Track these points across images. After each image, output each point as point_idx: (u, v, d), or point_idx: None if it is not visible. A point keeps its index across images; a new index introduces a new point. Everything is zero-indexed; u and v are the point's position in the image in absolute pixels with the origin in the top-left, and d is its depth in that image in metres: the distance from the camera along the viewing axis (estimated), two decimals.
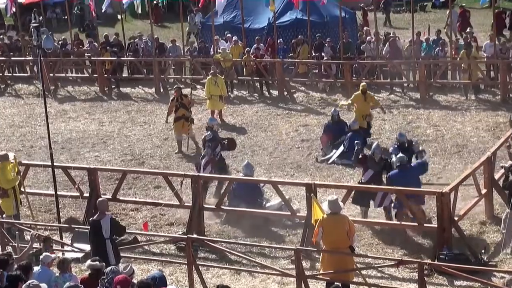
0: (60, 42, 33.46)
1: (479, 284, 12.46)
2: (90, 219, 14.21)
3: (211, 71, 25.54)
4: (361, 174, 19.44)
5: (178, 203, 17.21)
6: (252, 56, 29.28)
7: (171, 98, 23.78)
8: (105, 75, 30.94)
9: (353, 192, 16.06)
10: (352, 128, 21.29)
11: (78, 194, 17.95)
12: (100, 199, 14.85)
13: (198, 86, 28.42)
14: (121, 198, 17.96)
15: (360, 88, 22.58)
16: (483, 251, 14.78)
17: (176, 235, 16.33)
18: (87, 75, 32.33)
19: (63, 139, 25.01)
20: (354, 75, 28.15)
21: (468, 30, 30.54)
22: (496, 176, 17.05)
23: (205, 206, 16.92)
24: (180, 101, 22.71)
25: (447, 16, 34.10)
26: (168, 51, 31.69)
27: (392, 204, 16.01)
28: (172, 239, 15.83)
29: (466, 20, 34.48)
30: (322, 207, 13.39)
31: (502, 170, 17.72)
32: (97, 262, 11.88)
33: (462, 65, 26.60)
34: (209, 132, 19.33)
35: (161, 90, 30.10)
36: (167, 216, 18.02)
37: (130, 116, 27.47)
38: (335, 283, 11.90)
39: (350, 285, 13.47)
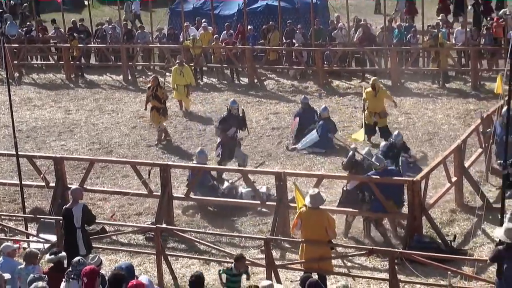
0: (24, 29, 33.20)
1: (450, 272, 12.58)
2: (63, 207, 14.13)
3: (177, 61, 25.38)
4: (331, 162, 19.55)
5: (146, 192, 17.19)
6: (223, 43, 29.26)
7: (148, 86, 23.63)
8: (72, 62, 30.75)
9: (338, 201, 15.93)
10: (323, 116, 21.36)
11: (43, 183, 17.85)
12: (73, 187, 14.78)
13: (168, 74, 28.37)
14: (88, 187, 17.87)
15: (370, 83, 21.78)
16: (453, 239, 14.94)
17: (144, 225, 16.30)
18: (53, 62, 32.10)
19: (28, 127, 24.85)
20: (325, 62, 28.23)
21: (440, 17, 30.71)
22: (466, 164, 17.22)
23: (174, 195, 16.92)
24: (155, 91, 22.49)
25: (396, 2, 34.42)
26: (137, 37, 31.55)
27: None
28: (141, 229, 15.81)
29: (413, 5, 34.58)
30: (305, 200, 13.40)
31: (473, 158, 17.96)
32: (54, 256, 11.79)
33: (431, 53, 26.74)
34: (224, 113, 19.92)
35: (129, 77, 30.00)
36: (135, 206, 17.99)
37: (97, 104, 27.34)
38: (310, 274, 11.95)
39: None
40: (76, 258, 11.33)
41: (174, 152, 21.72)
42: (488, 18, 30.06)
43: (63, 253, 11.82)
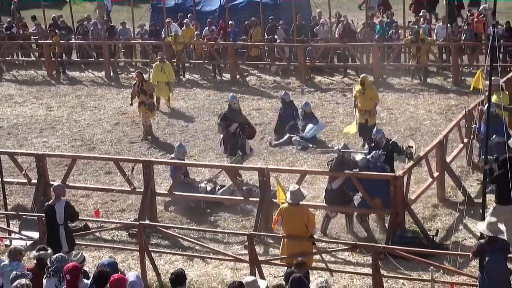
0: (4, 26, 33.02)
1: (432, 267, 12.66)
2: (45, 204, 14.09)
3: (158, 57, 25.24)
4: (314, 158, 19.56)
5: (129, 189, 17.17)
6: (205, 39, 29.23)
7: (133, 82, 23.45)
8: (53, 59, 30.63)
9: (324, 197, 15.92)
10: (306, 112, 21.37)
11: (25, 180, 17.78)
12: (56, 183, 14.75)
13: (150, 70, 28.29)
14: (71, 184, 17.83)
15: (359, 79, 20.93)
16: (435, 234, 15.03)
17: (128, 221, 16.30)
18: (34, 59, 31.95)
19: (9, 124, 24.74)
20: (307, 58, 28.27)
21: (421, 13, 30.82)
22: (448, 159, 17.32)
23: (157, 191, 16.91)
24: (141, 86, 22.40)
25: None
26: (119, 33, 31.45)
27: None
28: (124, 225, 15.80)
29: (386, 0, 34.68)
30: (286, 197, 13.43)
31: (455, 153, 18.07)
32: (41, 252, 11.76)
33: (412, 49, 26.82)
34: (224, 110, 19.61)
35: (111, 73, 29.91)
36: (118, 202, 17.97)
37: (79, 100, 27.25)
38: (293, 269, 11.98)
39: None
40: (55, 255, 11.30)
41: (157, 149, 21.70)
42: (469, 14, 30.14)
43: (49, 250, 11.79)
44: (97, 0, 35.12)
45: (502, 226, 12.28)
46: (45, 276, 11.08)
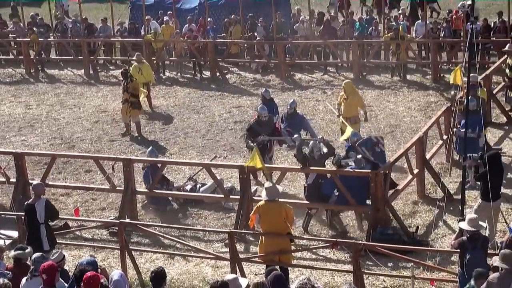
0: None
1: (413, 263, 12.71)
2: (25, 203, 14.00)
3: (136, 58, 24.83)
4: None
5: (110, 187, 17.11)
6: (184, 37, 29.18)
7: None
8: (32, 57, 30.46)
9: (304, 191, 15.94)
10: (289, 112, 21.18)
11: (4, 179, 17.67)
12: (35, 182, 14.67)
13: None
14: (50, 183, 17.75)
15: (343, 86, 20.06)
16: (415, 231, 15.09)
17: (108, 220, 16.25)
18: (12, 57, 31.74)
19: None
20: (287, 55, 28.28)
21: (400, 11, 30.94)
22: (428, 156, 17.39)
23: (137, 190, 16.86)
24: (125, 84, 22.26)
25: None
26: (99, 31, 31.31)
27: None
28: (104, 224, 15.74)
29: None
30: (261, 193, 13.43)
31: (434, 149, 18.14)
32: (19, 251, 11.68)
33: (391, 46, 26.90)
34: (251, 121, 18.62)
35: (91, 71, 29.78)
36: (98, 201, 17.91)
37: (58, 98, 27.12)
38: (274, 266, 11.99)
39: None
40: (37, 254, 11.23)
41: (137, 147, 21.64)
42: (448, 11, 30.26)
43: (29, 249, 11.71)
44: (55, 0, 35.04)
45: (483, 222, 12.34)
46: (26, 277, 10.99)
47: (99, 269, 10.78)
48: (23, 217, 14.11)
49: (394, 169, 16.53)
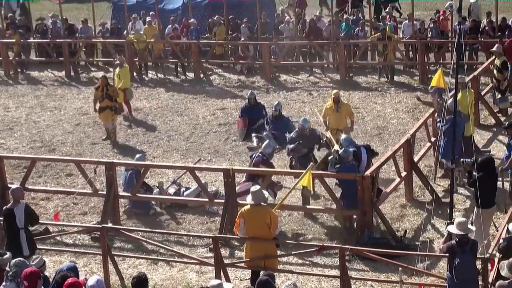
0: None
1: (400, 268, 12.71)
2: (3, 208, 13.91)
3: (117, 62, 24.32)
4: (280, 158, 19.53)
5: (91, 191, 17.04)
6: (168, 37, 29.12)
7: (95, 86, 22.72)
8: (11, 58, 30.30)
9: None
10: (274, 114, 21.10)
11: None
12: (14, 186, 14.56)
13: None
14: (30, 187, 17.65)
15: (332, 96, 19.38)
16: (403, 235, 15.10)
17: (90, 224, 16.17)
18: None
19: None
20: (272, 56, 28.27)
21: (387, 9, 31.03)
22: (416, 158, 17.41)
23: (120, 194, 16.80)
24: (106, 91, 21.84)
25: None
26: (79, 32, 31.20)
27: None
28: (86, 229, 15.66)
29: None
30: (247, 198, 13.39)
31: (422, 152, 18.17)
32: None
33: (378, 47, 26.96)
34: (293, 133, 17.99)
35: (72, 73, 29.67)
36: (80, 205, 17.83)
37: (39, 101, 26.99)
38: (261, 272, 11.97)
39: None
40: (14, 260, 11.14)
41: (119, 150, 21.56)
42: (435, 11, 30.35)
43: (8, 254, 11.62)
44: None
45: (471, 226, 12.35)
46: (4, 282, 10.91)
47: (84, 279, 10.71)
48: (1, 222, 14.01)
49: (381, 172, 16.53)
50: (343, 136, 16.74)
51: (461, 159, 14.45)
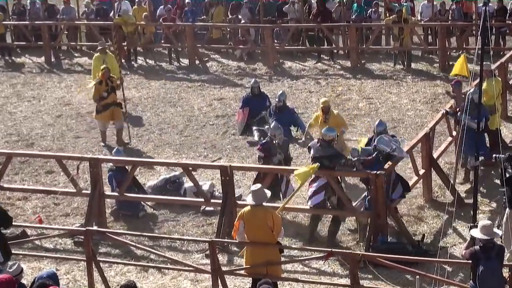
0: None
1: (418, 276, 12.73)
2: None
3: (99, 47, 24.17)
4: None
5: (74, 190, 17.06)
6: (160, 19, 29.12)
7: (95, 81, 21.78)
8: None
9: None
10: (278, 105, 21.13)
11: None
12: None
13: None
14: (5, 185, 17.69)
15: (321, 105, 18.66)
16: (421, 239, 15.12)
17: (72, 227, 16.19)
18: None
19: None
20: (276, 41, 28.26)
21: None
22: (435, 155, 17.42)
23: (106, 193, 16.82)
24: (110, 84, 21.19)
25: None
26: (61, 13, 31.20)
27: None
28: (68, 232, 15.69)
29: None
30: (247, 198, 13.41)
31: (443, 147, 18.18)
32: None
33: (393, 31, 26.93)
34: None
35: (53, 59, 29.69)
36: (61, 206, 17.86)
37: (15, 90, 27.02)
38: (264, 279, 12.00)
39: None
40: None
41: (105, 145, 21.56)
42: None
43: None
44: None
45: (497, 230, 12.36)
46: None
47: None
48: None
49: (397, 169, 16.53)
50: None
51: (494, 155, 14.42)
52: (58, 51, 30.40)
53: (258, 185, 13.44)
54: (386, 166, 15.08)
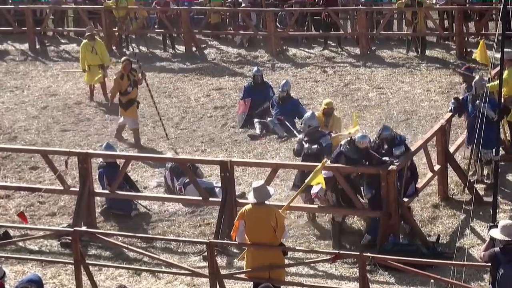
0: None
1: (432, 280, 12.75)
2: None
3: (87, 33, 24.38)
4: (288, 147, 19.54)
5: (61, 187, 17.07)
6: (153, 3, 29.12)
7: (116, 75, 21.45)
8: None
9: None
10: (281, 96, 21.12)
11: None
12: None
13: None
14: None
15: (324, 106, 18.50)
16: (436, 240, 15.13)
17: (59, 227, 16.20)
18: None
19: None
20: (279, 26, 28.26)
21: None
22: (452, 149, 17.41)
23: (96, 191, 16.83)
24: (133, 78, 20.98)
25: None
26: None
27: None
28: (55, 232, 15.70)
29: None
30: (248, 195, 13.40)
31: (459, 141, 18.16)
32: None
33: (406, 15, 26.92)
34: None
35: (37, 46, 29.70)
36: (47, 205, 17.87)
37: None
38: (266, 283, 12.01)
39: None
40: None
41: (95, 138, 21.58)
42: None
43: None
44: None
45: None
46: None
47: None
48: None
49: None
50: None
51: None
52: (43, 37, 30.39)
53: (260, 182, 13.44)
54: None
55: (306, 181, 14.92)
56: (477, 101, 16.84)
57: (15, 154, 20.12)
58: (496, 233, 11.81)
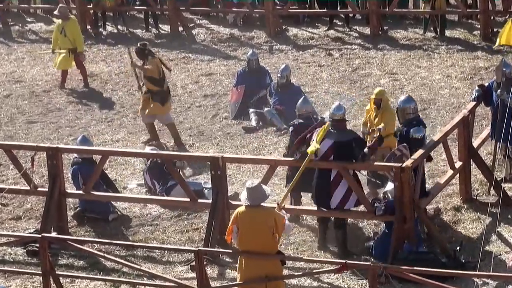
0: None
1: None
2: None
3: (57, 12, 24.26)
4: (287, 142, 19.59)
5: (28, 187, 17.06)
6: None
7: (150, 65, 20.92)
8: None
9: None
10: (280, 82, 21.15)
11: None
12: None
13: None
14: None
15: (373, 96, 18.27)
16: (458, 248, 15.15)
17: (25, 233, 16.21)
18: None
19: None
20: (278, 2, 28.26)
21: None
22: (475, 144, 17.42)
23: (68, 191, 16.83)
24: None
25: None
26: None
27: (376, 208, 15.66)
28: (20, 239, 15.70)
29: None
30: (241, 196, 13.41)
31: (484, 135, 18.17)
32: None
33: None
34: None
35: (0, 26, 29.67)
36: (11, 207, 17.88)
37: None
38: None
39: None
40: None
41: (66, 131, 21.59)
42: None
43: None
44: None
45: None
46: None
47: None
48: None
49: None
50: None
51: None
52: (6, 15, 30.37)
53: (255, 182, 13.40)
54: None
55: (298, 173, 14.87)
56: (499, 91, 16.87)
57: None
58: None
